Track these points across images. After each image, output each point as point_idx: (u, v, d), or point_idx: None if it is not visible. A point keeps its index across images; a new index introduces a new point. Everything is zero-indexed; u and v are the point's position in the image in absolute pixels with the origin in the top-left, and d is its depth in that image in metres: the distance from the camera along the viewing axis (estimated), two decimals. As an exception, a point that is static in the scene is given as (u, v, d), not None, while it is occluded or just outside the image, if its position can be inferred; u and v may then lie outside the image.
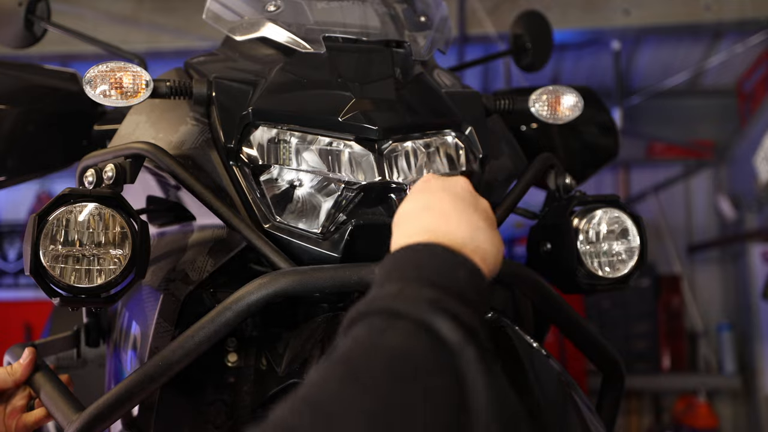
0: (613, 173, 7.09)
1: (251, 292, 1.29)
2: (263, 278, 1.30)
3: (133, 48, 2.52)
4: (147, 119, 1.59)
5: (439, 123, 1.52)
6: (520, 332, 1.26)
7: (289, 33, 1.53)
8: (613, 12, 5.55)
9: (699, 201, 7.11)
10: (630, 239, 1.58)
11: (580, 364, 5.60)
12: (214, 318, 1.29)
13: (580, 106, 1.66)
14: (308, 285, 1.31)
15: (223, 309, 1.29)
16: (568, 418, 1.15)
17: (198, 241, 1.49)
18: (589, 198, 1.60)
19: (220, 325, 1.29)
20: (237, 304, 1.29)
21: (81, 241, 1.30)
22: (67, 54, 5.41)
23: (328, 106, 1.44)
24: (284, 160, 1.43)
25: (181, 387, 1.49)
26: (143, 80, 1.44)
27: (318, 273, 1.32)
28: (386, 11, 1.63)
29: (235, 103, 1.47)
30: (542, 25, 2.27)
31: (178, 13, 5.55)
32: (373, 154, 1.42)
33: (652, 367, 6.36)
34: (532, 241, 1.67)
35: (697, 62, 6.26)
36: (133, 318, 1.51)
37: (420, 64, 1.61)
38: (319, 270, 1.33)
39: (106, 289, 1.30)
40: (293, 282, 1.30)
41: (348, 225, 1.41)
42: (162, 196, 1.62)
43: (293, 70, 1.51)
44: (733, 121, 6.69)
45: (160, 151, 1.41)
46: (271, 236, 1.41)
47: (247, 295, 1.29)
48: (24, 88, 1.78)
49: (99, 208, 1.31)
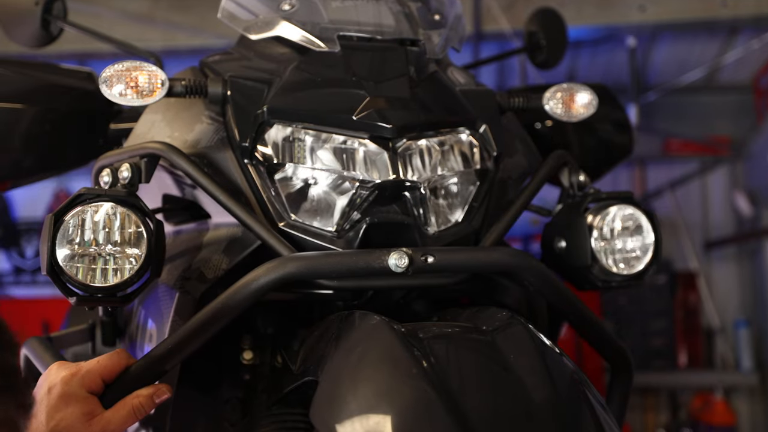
0: (629, 170, 7.07)
1: (260, 276, 1.29)
2: (272, 263, 1.31)
3: (149, 46, 2.53)
4: (162, 118, 1.60)
5: (453, 121, 1.52)
6: (534, 330, 1.26)
7: (304, 32, 1.54)
8: (629, 8, 5.53)
9: (715, 197, 7.08)
10: (644, 236, 1.58)
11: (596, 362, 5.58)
12: (223, 301, 1.30)
13: (595, 104, 1.66)
14: (316, 270, 1.32)
15: (232, 292, 1.30)
16: (582, 417, 1.15)
17: (213, 240, 1.50)
18: (603, 195, 1.60)
19: (228, 308, 1.30)
20: (246, 288, 1.30)
21: (97, 241, 1.31)
22: (84, 52, 5.43)
23: (342, 104, 1.44)
24: (299, 158, 1.44)
25: (197, 384, 1.49)
26: (159, 79, 1.45)
27: (326, 258, 1.33)
28: (400, 9, 1.63)
29: (250, 102, 1.47)
30: (557, 22, 2.26)
31: (194, 12, 5.56)
32: (388, 153, 1.42)
33: (668, 364, 6.34)
34: (547, 238, 1.67)
35: (713, 58, 6.23)
36: (149, 316, 1.52)
37: (434, 62, 1.61)
38: (326, 255, 1.35)
39: (122, 288, 1.31)
40: (301, 267, 1.31)
41: (362, 223, 1.42)
42: (177, 195, 1.63)
43: (308, 68, 1.51)
44: (749, 117, 6.65)
45: (175, 150, 1.42)
46: (286, 235, 1.41)
47: (255, 279, 1.30)
48: (40, 88, 1.79)
49: (114, 207, 1.32)
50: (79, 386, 1.27)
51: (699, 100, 6.84)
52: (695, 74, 6.23)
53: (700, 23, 5.60)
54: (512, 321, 1.28)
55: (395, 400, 1.08)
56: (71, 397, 1.25)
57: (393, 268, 1.30)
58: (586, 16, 5.53)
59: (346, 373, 1.16)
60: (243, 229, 1.45)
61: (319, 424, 1.14)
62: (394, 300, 1.50)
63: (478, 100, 1.58)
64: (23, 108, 1.75)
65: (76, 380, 1.27)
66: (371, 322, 1.26)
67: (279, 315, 1.58)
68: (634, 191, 2.23)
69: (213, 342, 1.39)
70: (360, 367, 1.15)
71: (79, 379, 1.27)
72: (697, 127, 6.81)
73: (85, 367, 1.30)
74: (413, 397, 1.09)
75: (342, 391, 1.13)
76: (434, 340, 1.22)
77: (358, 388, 1.12)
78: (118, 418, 1.27)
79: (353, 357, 1.18)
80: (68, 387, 1.26)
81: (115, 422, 1.27)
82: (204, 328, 1.30)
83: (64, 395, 1.25)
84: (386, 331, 1.20)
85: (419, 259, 1.30)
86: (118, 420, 1.27)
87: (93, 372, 1.29)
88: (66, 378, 1.27)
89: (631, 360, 1.56)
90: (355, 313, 1.33)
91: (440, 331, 1.27)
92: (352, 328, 1.27)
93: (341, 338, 1.27)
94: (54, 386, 1.27)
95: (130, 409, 1.28)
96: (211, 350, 1.50)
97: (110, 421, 1.26)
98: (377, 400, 1.09)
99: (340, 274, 1.34)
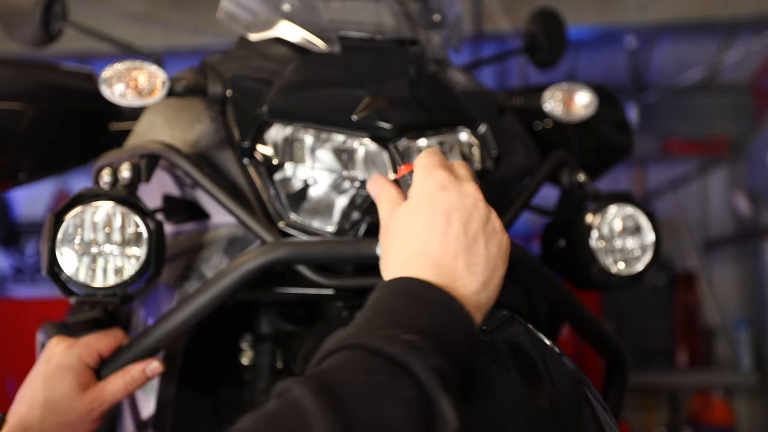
0: (629, 170, 7.06)
1: (248, 261, 1.31)
2: (261, 248, 1.32)
3: (149, 46, 2.54)
4: (163, 118, 1.60)
5: (453, 121, 1.52)
6: (534, 330, 1.26)
7: (304, 32, 1.54)
8: (629, 8, 5.53)
9: (715, 197, 7.07)
10: (644, 235, 1.58)
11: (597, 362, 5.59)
12: (212, 282, 1.32)
13: (594, 104, 1.66)
14: (304, 255, 1.33)
15: (221, 274, 1.32)
16: (582, 417, 1.15)
17: (213, 240, 1.50)
18: (602, 194, 1.60)
19: (217, 292, 1.32)
20: (233, 272, 1.31)
21: (97, 241, 1.31)
22: (85, 52, 5.43)
23: (342, 104, 1.44)
24: (299, 158, 1.44)
25: (197, 385, 1.50)
26: (159, 79, 1.45)
27: (314, 245, 1.35)
28: (400, 10, 1.63)
29: (250, 102, 1.48)
30: (556, 22, 2.27)
31: (194, 11, 5.56)
32: (388, 152, 1.43)
33: (668, 363, 6.33)
34: (547, 238, 1.67)
35: (713, 58, 6.23)
36: (149, 316, 1.52)
37: (434, 62, 1.61)
38: (315, 242, 1.35)
39: (122, 288, 1.32)
40: (289, 252, 1.32)
41: (362, 223, 1.42)
42: (178, 195, 1.63)
43: (308, 68, 1.51)
44: (749, 117, 6.65)
45: (175, 150, 1.42)
46: (286, 234, 1.42)
47: (243, 263, 1.31)
48: (40, 88, 1.79)
49: (115, 207, 1.32)
50: (76, 358, 1.32)
51: (699, 100, 6.84)
52: (695, 74, 6.23)
53: (699, 23, 5.59)
54: (512, 321, 1.27)
55: (395, 400, 1.08)
56: (68, 368, 1.31)
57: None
58: (586, 16, 5.53)
59: (346, 373, 1.15)
60: (243, 229, 1.45)
61: (319, 424, 1.14)
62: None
63: (478, 100, 1.59)
64: (23, 108, 1.75)
65: (74, 352, 1.32)
66: (371, 321, 1.26)
67: (279, 315, 1.58)
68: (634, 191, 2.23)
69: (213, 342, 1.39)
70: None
71: (77, 352, 1.32)
72: (697, 127, 6.81)
73: (83, 340, 1.35)
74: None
75: (342, 391, 1.13)
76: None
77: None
78: (111, 389, 1.32)
79: (353, 357, 1.18)
80: (66, 358, 1.31)
81: (108, 392, 1.32)
82: (196, 311, 1.32)
83: (61, 366, 1.30)
84: (386, 331, 1.20)
85: None
86: (111, 391, 1.32)
87: (90, 346, 1.34)
88: (63, 349, 1.33)
89: (626, 358, 1.57)
90: (354, 312, 1.33)
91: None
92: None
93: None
94: (52, 357, 1.32)
95: (122, 382, 1.33)
96: (211, 350, 1.50)
97: (103, 391, 1.31)
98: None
99: (329, 260, 1.35)
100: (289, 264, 1.36)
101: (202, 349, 1.38)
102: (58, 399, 1.27)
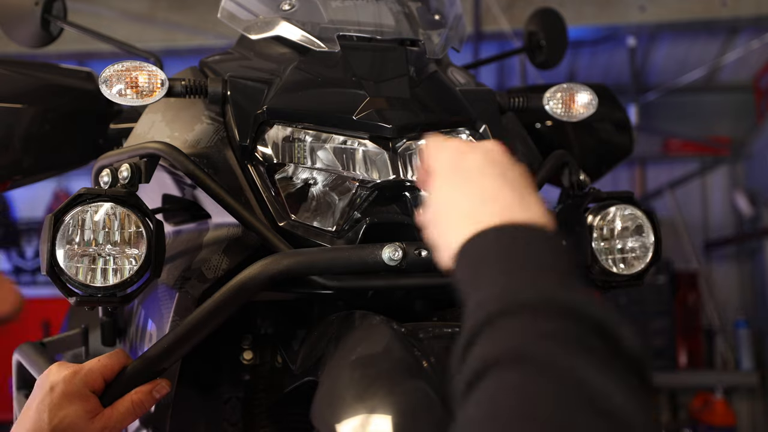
0: (630, 170, 7.07)
1: (255, 273, 1.31)
2: (267, 259, 1.31)
3: (149, 46, 2.53)
4: (162, 118, 1.60)
5: (453, 121, 1.52)
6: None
7: (304, 32, 1.54)
8: (629, 8, 5.54)
9: (716, 197, 7.08)
10: (644, 236, 1.58)
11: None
12: (219, 298, 1.31)
13: (595, 104, 1.66)
14: (311, 266, 1.32)
15: (228, 289, 1.31)
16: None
17: (213, 240, 1.50)
18: (603, 195, 1.60)
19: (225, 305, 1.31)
20: (242, 284, 1.30)
21: (97, 241, 1.31)
22: (84, 52, 5.44)
23: (342, 104, 1.44)
24: (299, 158, 1.44)
25: (197, 384, 1.49)
26: (158, 79, 1.44)
27: (320, 254, 1.34)
28: (400, 9, 1.63)
29: (250, 102, 1.47)
30: (557, 22, 2.27)
31: (194, 11, 5.57)
32: (388, 153, 1.42)
33: (668, 364, 6.33)
34: (547, 238, 1.67)
35: (713, 58, 6.24)
36: (149, 316, 1.52)
37: (434, 62, 1.61)
38: (321, 252, 1.35)
39: (122, 288, 1.31)
40: (295, 263, 1.31)
41: (362, 223, 1.42)
42: (177, 195, 1.63)
43: (308, 68, 1.51)
44: (749, 117, 6.66)
45: (175, 150, 1.42)
46: (286, 234, 1.41)
47: (250, 276, 1.31)
48: (40, 88, 1.79)
49: (114, 207, 1.32)
50: (81, 385, 1.28)
51: (699, 100, 6.85)
52: (695, 74, 6.24)
53: (700, 23, 5.60)
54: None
55: (395, 400, 1.08)
56: (74, 396, 1.27)
57: (387, 261, 1.29)
58: (586, 16, 5.54)
59: (346, 373, 1.15)
60: (243, 229, 1.45)
61: (319, 424, 1.14)
62: (394, 300, 1.50)
63: (478, 100, 1.58)
64: (23, 108, 1.75)
65: (78, 379, 1.29)
66: (371, 322, 1.26)
67: (279, 315, 1.58)
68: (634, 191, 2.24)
69: (213, 342, 1.39)
70: (360, 367, 1.15)
71: (81, 378, 1.29)
72: (697, 127, 6.82)
73: (86, 366, 1.32)
74: (413, 397, 1.09)
75: (342, 391, 1.13)
76: (434, 340, 1.22)
77: (358, 388, 1.12)
78: (119, 414, 1.29)
79: (353, 357, 1.18)
80: (71, 385, 1.28)
81: (116, 418, 1.29)
82: (201, 325, 1.31)
83: (67, 393, 1.27)
84: (386, 331, 1.20)
85: (413, 252, 1.30)
86: (119, 416, 1.29)
87: (94, 371, 1.31)
88: (68, 377, 1.29)
89: None
90: (355, 313, 1.33)
91: (440, 331, 1.27)
92: (352, 328, 1.27)
93: (341, 338, 1.27)
94: (56, 385, 1.28)
95: (130, 405, 1.30)
96: (211, 350, 1.50)
97: (111, 417, 1.28)
98: (377, 400, 1.09)
99: (335, 269, 1.34)
100: (296, 275, 1.35)
101: (202, 349, 1.38)
102: (66, 429, 1.24)
